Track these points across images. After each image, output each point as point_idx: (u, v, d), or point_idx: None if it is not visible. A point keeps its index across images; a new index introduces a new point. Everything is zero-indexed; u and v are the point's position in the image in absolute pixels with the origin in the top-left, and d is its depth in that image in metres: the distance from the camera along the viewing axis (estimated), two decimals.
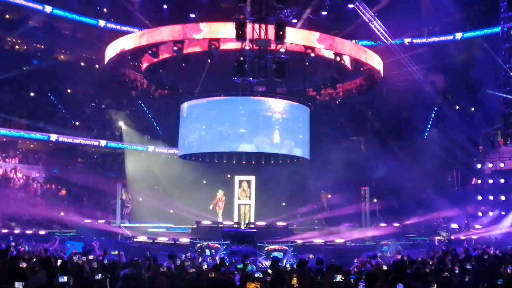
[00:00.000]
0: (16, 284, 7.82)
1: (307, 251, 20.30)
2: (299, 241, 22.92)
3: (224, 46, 23.55)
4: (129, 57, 26.27)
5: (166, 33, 24.22)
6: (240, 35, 19.84)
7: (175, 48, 23.67)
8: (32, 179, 36.01)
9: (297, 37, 23.96)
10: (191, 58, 25.10)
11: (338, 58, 24.88)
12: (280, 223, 27.50)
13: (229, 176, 32.50)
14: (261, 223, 27.05)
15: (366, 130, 37.72)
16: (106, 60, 26.43)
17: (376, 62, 27.01)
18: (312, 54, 23.85)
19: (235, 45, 21.99)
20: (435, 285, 9.10)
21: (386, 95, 32.49)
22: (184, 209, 31.54)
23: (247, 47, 21.15)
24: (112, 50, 25.94)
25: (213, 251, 19.60)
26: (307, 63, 24.84)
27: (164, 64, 26.94)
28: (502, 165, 32.31)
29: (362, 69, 27.60)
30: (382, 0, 36.31)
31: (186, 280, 10.59)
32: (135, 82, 28.74)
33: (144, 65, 27.97)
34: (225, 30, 22.59)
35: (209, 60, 25.38)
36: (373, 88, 29.57)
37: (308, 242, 23.41)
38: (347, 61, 26.28)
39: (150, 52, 24.70)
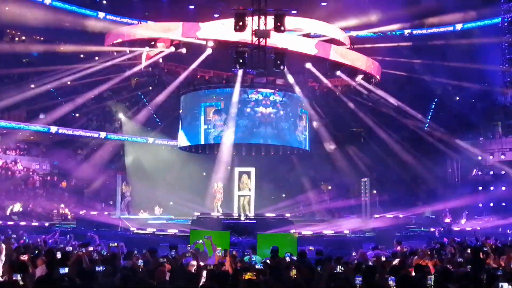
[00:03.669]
0: (15, 276, 7.79)
1: (307, 243, 20.30)
2: (307, 232, 23.06)
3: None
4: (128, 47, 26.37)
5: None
6: (240, 26, 19.79)
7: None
8: (32, 171, 36.00)
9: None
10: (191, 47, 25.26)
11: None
12: (287, 214, 27.78)
13: (229, 168, 32.51)
14: (270, 214, 27.15)
15: (366, 121, 37.68)
16: (106, 44, 26.53)
17: (375, 69, 27.37)
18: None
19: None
20: (435, 276, 9.11)
21: (386, 86, 32.40)
22: (183, 201, 31.51)
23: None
24: (113, 37, 26.12)
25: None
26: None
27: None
28: (502, 156, 32.33)
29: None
30: None
31: (185, 271, 10.58)
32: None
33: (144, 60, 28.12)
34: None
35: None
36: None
37: (317, 233, 23.51)
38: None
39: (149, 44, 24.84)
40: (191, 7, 38.14)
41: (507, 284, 8.31)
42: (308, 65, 28.61)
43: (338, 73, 29.48)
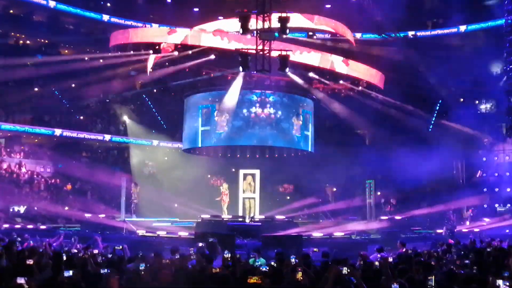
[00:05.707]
0: (19, 279, 7.73)
1: (312, 245, 20.27)
2: (318, 234, 23.05)
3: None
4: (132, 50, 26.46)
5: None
6: (244, 29, 19.77)
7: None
8: (37, 174, 36.01)
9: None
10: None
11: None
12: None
13: (233, 170, 32.46)
14: (280, 217, 27.10)
15: (371, 123, 37.63)
16: (110, 45, 26.60)
17: (377, 79, 27.50)
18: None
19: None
20: (440, 278, 9.07)
21: (390, 88, 32.40)
22: (188, 203, 31.48)
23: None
24: (117, 38, 26.20)
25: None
26: None
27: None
28: (507, 158, 32.27)
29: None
30: None
31: (189, 274, 10.56)
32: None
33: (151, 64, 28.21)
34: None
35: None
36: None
37: (327, 234, 23.50)
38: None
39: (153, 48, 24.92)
40: (196, 9, 38.20)
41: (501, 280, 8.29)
42: (312, 74, 28.96)
43: (341, 82, 29.80)
